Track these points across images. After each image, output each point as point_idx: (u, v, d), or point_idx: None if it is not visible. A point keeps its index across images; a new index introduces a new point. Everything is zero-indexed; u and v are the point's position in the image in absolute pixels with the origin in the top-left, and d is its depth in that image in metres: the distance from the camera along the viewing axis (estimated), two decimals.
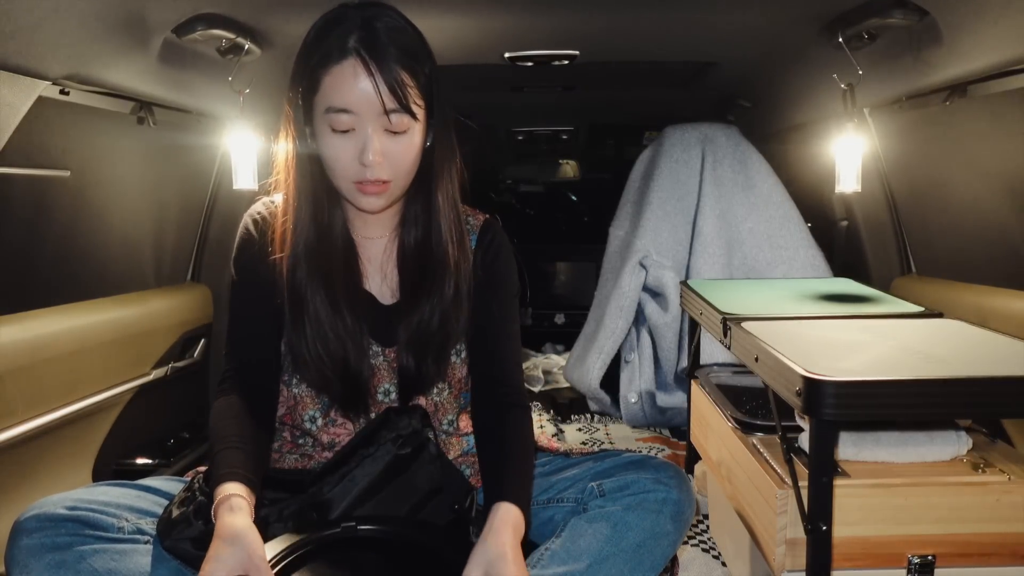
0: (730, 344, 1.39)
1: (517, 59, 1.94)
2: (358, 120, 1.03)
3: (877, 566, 1.11)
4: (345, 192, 1.09)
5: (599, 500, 1.09)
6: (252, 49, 1.58)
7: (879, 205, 2.22)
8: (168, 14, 1.38)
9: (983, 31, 1.33)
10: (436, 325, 1.13)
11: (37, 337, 1.49)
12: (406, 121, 1.05)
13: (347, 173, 1.06)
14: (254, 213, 1.17)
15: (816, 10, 1.53)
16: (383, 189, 1.07)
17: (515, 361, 1.20)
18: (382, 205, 1.10)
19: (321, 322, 1.10)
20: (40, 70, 1.24)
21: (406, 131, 1.05)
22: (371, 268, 1.18)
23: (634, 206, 2.73)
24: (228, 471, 0.98)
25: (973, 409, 1.08)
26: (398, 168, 1.07)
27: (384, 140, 1.05)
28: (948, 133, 1.80)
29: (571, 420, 2.68)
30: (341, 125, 1.03)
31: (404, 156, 1.07)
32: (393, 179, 1.07)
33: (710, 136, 2.62)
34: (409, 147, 1.07)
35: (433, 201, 1.14)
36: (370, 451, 1.08)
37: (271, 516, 1.02)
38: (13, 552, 0.94)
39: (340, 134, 1.04)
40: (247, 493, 0.96)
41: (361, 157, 1.04)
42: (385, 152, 1.05)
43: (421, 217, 1.15)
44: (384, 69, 1.02)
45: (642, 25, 1.69)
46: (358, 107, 1.02)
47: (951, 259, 1.97)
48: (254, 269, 1.14)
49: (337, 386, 1.13)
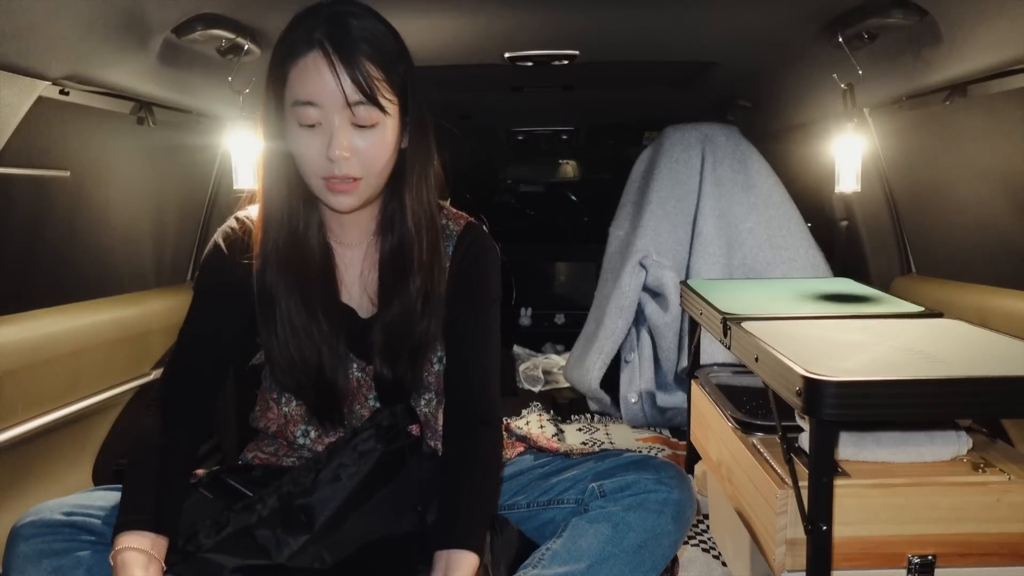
0: (730, 344, 1.38)
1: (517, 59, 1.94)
2: (324, 114, 1.01)
3: (877, 566, 1.11)
4: (316, 190, 1.06)
5: (600, 500, 1.09)
6: (252, 49, 1.58)
7: (879, 205, 2.22)
8: (168, 14, 1.38)
9: (983, 31, 1.33)
10: (403, 329, 1.10)
11: (37, 337, 1.49)
12: (375, 115, 1.02)
13: (315, 169, 1.03)
14: (226, 228, 1.14)
15: (816, 10, 1.53)
16: (353, 187, 1.04)
17: (489, 372, 1.14)
18: (353, 204, 1.06)
19: (295, 326, 1.08)
20: (40, 70, 1.24)
21: (375, 125, 1.02)
22: (348, 277, 1.15)
23: (634, 206, 2.73)
24: (132, 518, 0.95)
25: (973, 409, 1.08)
26: (369, 165, 1.04)
27: (352, 135, 1.02)
28: (948, 133, 1.80)
29: (571, 420, 2.68)
30: (307, 119, 1.01)
31: (374, 153, 1.03)
32: (364, 176, 1.04)
33: (710, 136, 2.62)
34: (380, 143, 1.04)
35: (406, 207, 1.10)
36: (353, 443, 1.07)
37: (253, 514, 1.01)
38: (10, 558, 0.93)
39: (307, 129, 1.02)
40: (149, 544, 0.93)
41: (328, 151, 1.01)
42: (353, 148, 1.02)
43: (396, 223, 1.12)
44: (348, 62, 0.99)
45: (642, 25, 1.69)
46: (321, 99, 1.00)
47: (951, 259, 1.97)
48: (218, 284, 1.12)
49: (311, 393, 1.11)
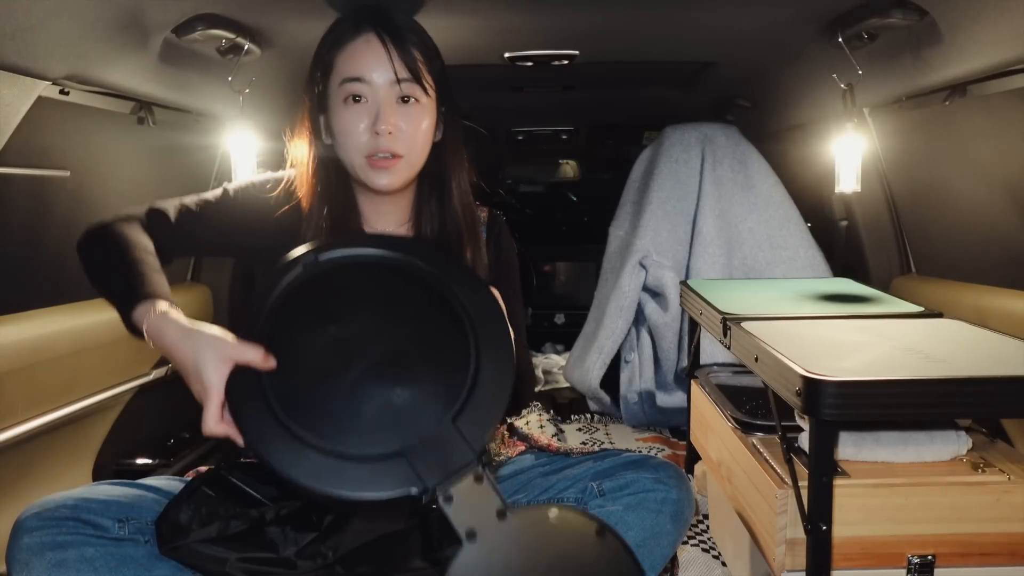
0: (730, 344, 1.38)
1: (517, 59, 1.94)
2: (372, 91, 1.07)
3: (877, 566, 1.11)
4: (358, 169, 1.11)
5: (599, 499, 1.09)
6: (252, 49, 1.58)
7: (879, 205, 2.22)
8: (168, 14, 1.38)
9: (983, 31, 1.33)
10: None
11: (37, 337, 1.49)
12: (418, 93, 1.09)
13: (359, 146, 1.09)
14: (275, 177, 1.19)
15: (816, 10, 1.53)
16: (394, 163, 1.09)
17: (524, 357, 1.19)
18: (392, 183, 1.11)
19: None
20: (40, 70, 1.24)
21: (418, 102, 1.09)
22: None
23: (634, 206, 2.73)
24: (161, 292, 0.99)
25: (973, 409, 1.08)
26: (409, 143, 1.09)
27: (397, 112, 1.08)
28: (948, 133, 1.80)
29: (571, 420, 2.68)
30: (355, 91, 1.07)
31: (415, 131, 1.10)
32: (405, 154, 1.09)
33: (710, 136, 2.62)
34: (420, 122, 1.10)
35: (447, 195, 1.17)
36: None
37: (268, 516, 1.01)
38: (14, 550, 0.94)
39: (354, 105, 1.08)
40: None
41: (375, 125, 1.07)
42: (397, 126, 1.08)
43: (436, 212, 1.18)
44: (398, 43, 1.07)
45: (642, 25, 1.69)
46: (372, 75, 1.07)
47: (951, 259, 1.97)
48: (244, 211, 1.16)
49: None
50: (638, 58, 2.04)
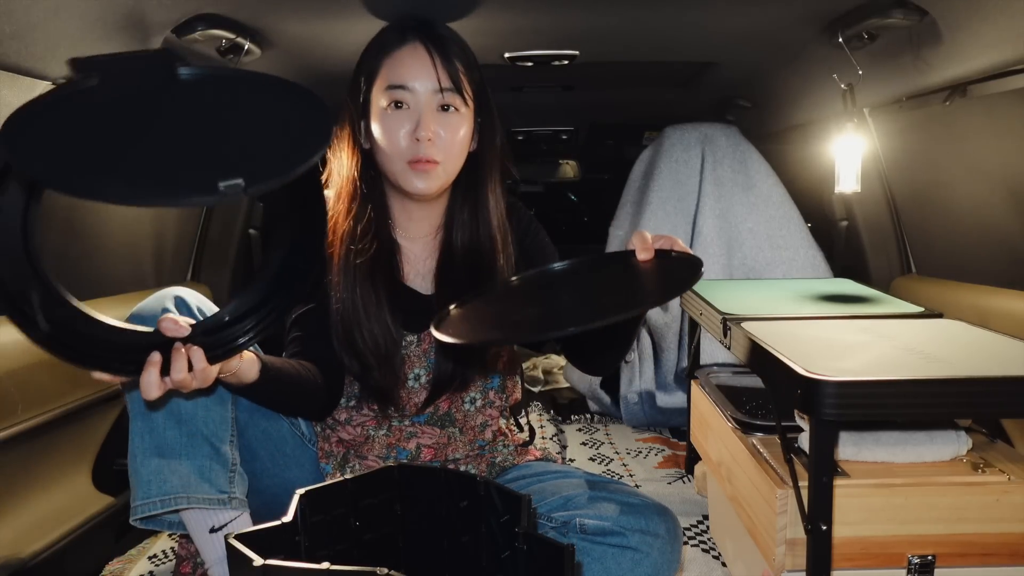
0: (730, 344, 1.38)
1: (517, 59, 1.94)
2: (415, 98, 1.10)
3: (877, 566, 1.11)
4: (398, 174, 1.13)
5: (579, 537, 1.08)
6: (252, 49, 1.58)
7: (879, 205, 2.22)
8: (168, 14, 1.37)
9: (983, 31, 1.33)
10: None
11: None
12: (458, 102, 1.12)
13: (400, 151, 1.11)
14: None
15: (816, 10, 1.52)
16: (432, 168, 1.12)
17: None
18: (429, 188, 1.13)
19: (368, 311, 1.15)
20: (40, 70, 1.24)
21: (458, 112, 1.12)
22: (408, 267, 1.23)
23: (634, 206, 2.73)
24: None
25: (973, 409, 1.08)
26: (447, 150, 1.12)
27: (437, 119, 1.11)
28: (948, 133, 1.80)
29: (571, 420, 2.68)
30: (398, 98, 1.11)
31: (453, 138, 1.13)
32: (443, 161, 1.12)
33: (710, 136, 2.62)
34: (458, 130, 1.13)
35: (481, 205, 1.20)
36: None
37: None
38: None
39: (396, 111, 1.11)
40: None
41: (416, 131, 1.10)
42: (437, 132, 1.11)
43: (468, 221, 1.21)
44: (442, 53, 1.11)
45: (642, 25, 1.69)
46: (416, 83, 1.10)
47: (951, 259, 1.97)
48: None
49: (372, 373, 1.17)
50: (638, 58, 2.04)
